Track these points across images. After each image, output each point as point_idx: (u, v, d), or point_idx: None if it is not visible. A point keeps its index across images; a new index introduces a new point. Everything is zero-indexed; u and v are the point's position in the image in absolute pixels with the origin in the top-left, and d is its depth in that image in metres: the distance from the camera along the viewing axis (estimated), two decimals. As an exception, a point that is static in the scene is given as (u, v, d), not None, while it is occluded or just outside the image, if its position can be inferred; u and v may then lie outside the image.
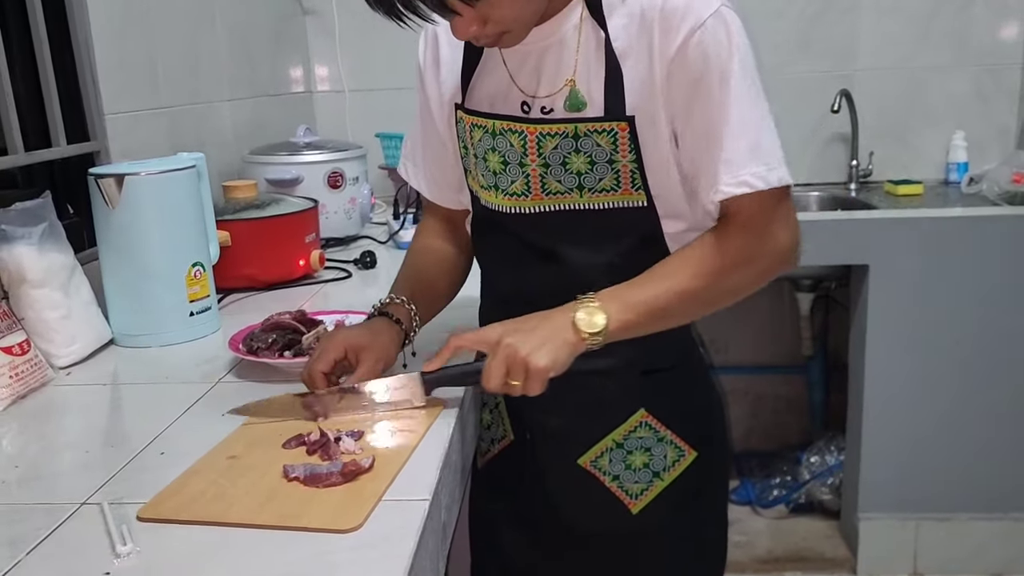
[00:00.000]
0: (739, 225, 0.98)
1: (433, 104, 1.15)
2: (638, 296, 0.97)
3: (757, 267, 1.00)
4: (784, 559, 2.47)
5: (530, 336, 0.94)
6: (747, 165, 0.94)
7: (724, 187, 0.95)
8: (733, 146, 0.94)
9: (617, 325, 0.96)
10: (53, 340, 1.22)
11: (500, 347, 0.94)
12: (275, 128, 2.28)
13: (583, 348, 0.95)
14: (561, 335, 0.94)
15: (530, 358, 0.92)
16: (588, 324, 0.94)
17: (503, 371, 0.94)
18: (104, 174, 1.28)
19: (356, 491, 0.83)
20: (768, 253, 0.99)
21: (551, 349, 0.93)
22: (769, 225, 0.98)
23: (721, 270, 0.98)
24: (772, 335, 2.88)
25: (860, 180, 2.66)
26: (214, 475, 0.87)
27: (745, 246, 0.98)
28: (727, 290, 1.01)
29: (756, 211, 0.97)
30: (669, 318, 1.01)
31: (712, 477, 1.16)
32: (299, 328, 1.20)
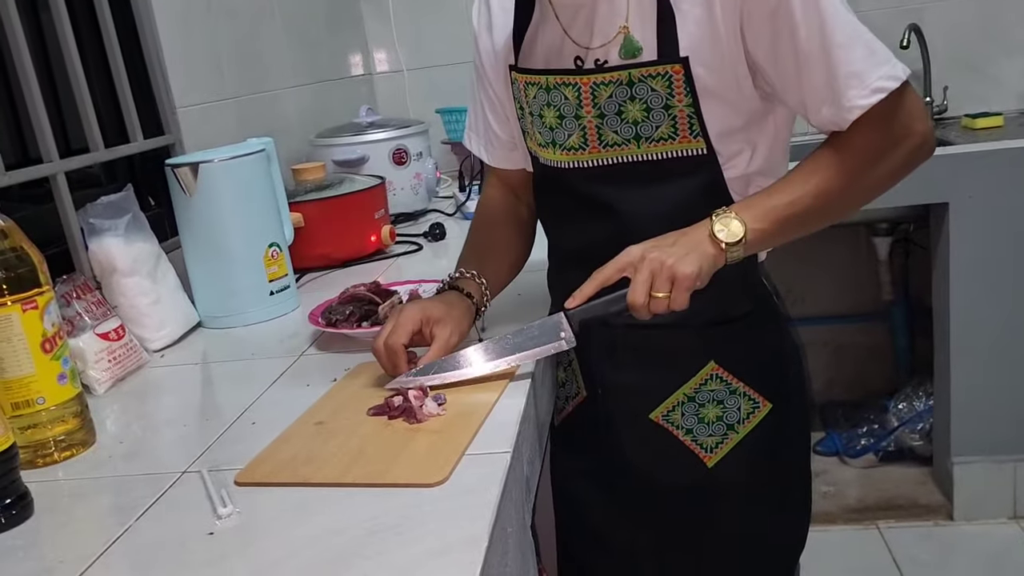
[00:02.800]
0: (873, 126, 0.95)
1: (488, 68, 1.16)
2: (775, 202, 0.96)
3: (894, 159, 0.97)
4: (876, 507, 2.43)
5: (672, 248, 0.94)
6: (871, 71, 0.92)
7: (858, 100, 0.92)
8: (849, 58, 0.91)
9: (755, 235, 0.95)
10: (145, 325, 1.28)
11: (644, 261, 0.93)
12: (338, 111, 2.32)
13: (723, 261, 0.95)
14: (701, 247, 0.94)
15: (676, 266, 0.92)
16: (727, 234, 0.94)
17: (648, 284, 0.93)
18: (180, 163, 1.33)
19: (440, 447, 0.85)
20: (904, 144, 0.96)
21: (696, 258, 0.93)
22: (902, 119, 0.95)
23: (859, 168, 0.96)
24: (850, 283, 2.81)
25: (935, 117, 2.57)
26: (303, 440, 0.91)
27: (884, 139, 0.95)
28: (865, 188, 0.99)
29: (886, 111, 0.93)
30: (807, 222, 0.99)
31: (791, 428, 1.14)
32: (375, 299, 1.24)
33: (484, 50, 1.16)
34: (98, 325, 1.16)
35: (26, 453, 0.91)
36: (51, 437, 0.93)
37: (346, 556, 0.68)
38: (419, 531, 0.71)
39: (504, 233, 1.23)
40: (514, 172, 1.23)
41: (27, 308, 0.90)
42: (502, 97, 1.17)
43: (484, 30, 1.15)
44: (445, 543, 0.68)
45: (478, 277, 1.13)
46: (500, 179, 1.26)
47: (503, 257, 1.21)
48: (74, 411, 0.95)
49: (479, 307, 1.12)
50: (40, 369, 0.91)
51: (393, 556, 0.68)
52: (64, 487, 0.88)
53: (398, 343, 1.02)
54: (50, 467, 0.92)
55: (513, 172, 1.23)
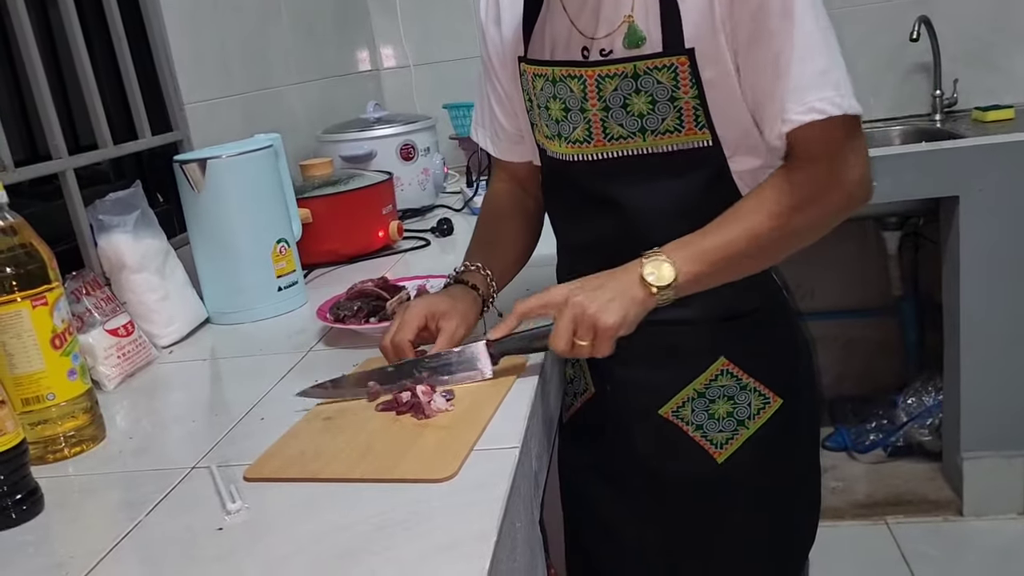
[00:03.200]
0: (808, 159, 0.95)
1: (495, 61, 1.16)
2: (706, 244, 0.95)
3: (829, 204, 0.96)
4: (884, 503, 2.42)
5: (597, 294, 0.93)
6: (816, 90, 0.91)
7: (793, 115, 0.91)
8: (800, 71, 0.91)
9: (687, 277, 0.94)
10: (154, 321, 1.28)
11: (567, 307, 0.93)
12: (345, 107, 2.32)
13: (653, 304, 0.94)
14: (630, 292, 0.93)
15: (598, 316, 0.91)
16: (656, 278, 0.93)
17: (571, 331, 0.93)
18: (188, 160, 1.33)
19: (448, 442, 0.85)
20: (840, 187, 0.95)
21: (620, 306, 0.92)
22: (840, 157, 0.94)
23: (790, 210, 0.95)
24: (860, 278, 2.80)
25: (945, 110, 2.56)
26: (312, 436, 0.91)
27: (815, 181, 0.95)
28: (798, 231, 0.98)
29: (825, 142, 0.93)
30: (740, 265, 0.98)
31: (801, 423, 1.13)
32: (382, 295, 1.24)
33: (491, 43, 1.16)
34: (107, 321, 1.17)
35: (36, 449, 0.92)
36: (61, 433, 0.93)
37: (354, 551, 0.68)
38: (427, 526, 0.71)
39: (510, 226, 1.23)
40: (521, 165, 1.23)
41: (37, 304, 0.90)
42: (509, 90, 1.17)
43: (492, 23, 1.15)
44: (453, 538, 0.69)
45: (483, 269, 1.13)
46: (507, 172, 1.26)
47: (509, 249, 1.21)
48: (84, 407, 0.95)
49: (486, 299, 1.12)
50: (50, 365, 0.91)
51: (401, 551, 0.68)
52: (74, 483, 0.89)
53: (404, 340, 1.02)
54: (60, 463, 0.93)
55: (520, 165, 1.23)
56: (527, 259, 1.24)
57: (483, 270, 1.13)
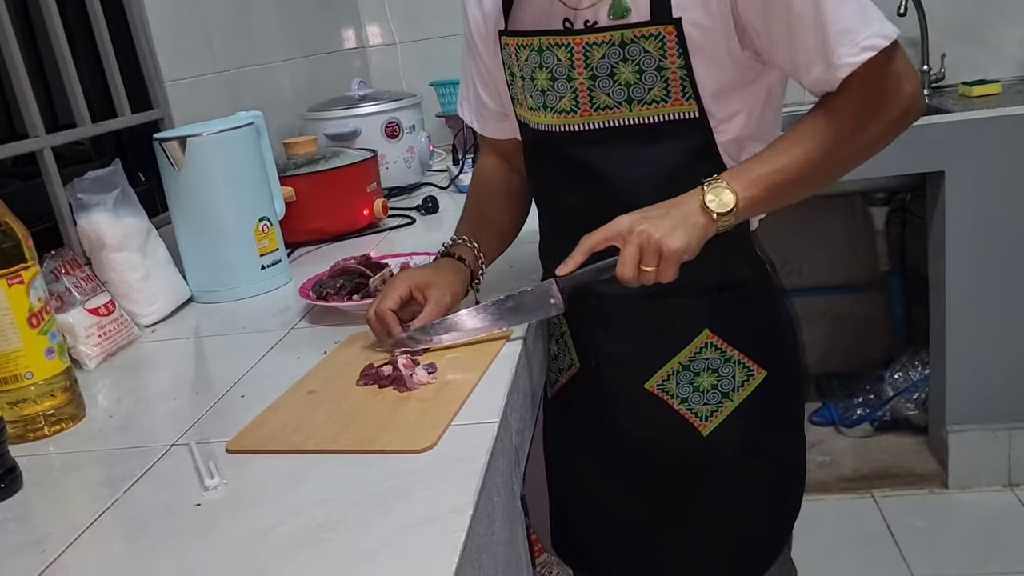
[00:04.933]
0: (862, 88, 0.94)
1: (477, 39, 1.16)
2: (764, 169, 0.96)
3: (884, 122, 0.96)
4: (872, 476, 2.44)
5: (662, 221, 0.94)
6: (862, 29, 0.91)
7: (847, 58, 0.91)
8: (840, 14, 0.90)
9: (746, 203, 0.95)
10: (136, 300, 1.27)
11: (632, 234, 0.94)
12: (331, 85, 2.30)
13: (714, 230, 0.95)
14: (692, 218, 0.94)
15: (664, 240, 0.92)
16: (718, 204, 0.94)
17: (637, 258, 0.94)
18: (168, 137, 1.32)
19: (428, 415, 0.85)
20: (894, 107, 0.96)
21: (684, 231, 0.93)
22: (893, 80, 0.94)
23: (848, 132, 0.96)
24: (847, 253, 2.80)
25: (932, 85, 2.55)
26: (294, 409, 0.91)
27: (868, 104, 0.95)
28: (856, 151, 0.98)
29: (877, 70, 0.93)
30: (798, 188, 0.99)
31: (785, 396, 1.14)
32: (365, 272, 1.23)
33: (473, 21, 1.16)
34: (87, 300, 1.16)
35: (16, 428, 0.91)
36: (40, 412, 0.93)
37: (331, 525, 0.68)
38: (405, 500, 0.71)
39: (498, 201, 1.23)
40: (506, 141, 1.23)
41: (12, 283, 0.90)
42: (491, 68, 1.17)
43: (473, 1, 1.14)
44: (430, 512, 0.69)
45: (470, 241, 1.14)
46: (493, 149, 1.27)
47: (496, 224, 1.22)
48: (63, 385, 0.95)
49: (474, 271, 1.12)
50: (27, 344, 0.91)
51: (379, 525, 0.68)
52: (54, 461, 0.89)
53: (385, 308, 1.03)
54: (40, 441, 0.92)
55: (506, 141, 1.23)
56: (516, 233, 1.25)
57: (470, 243, 1.14)
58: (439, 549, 0.64)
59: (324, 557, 0.65)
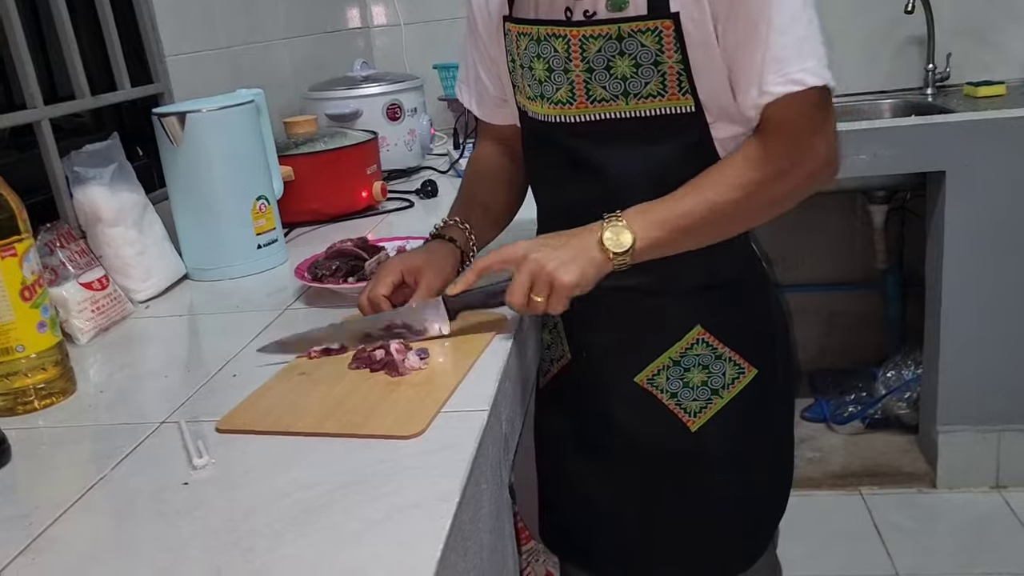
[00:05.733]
0: (778, 132, 0.94)
1: (480, 23, 1.15)
2: (667, 212, 0.96)
3: (795, 178, 0.97)
4: (860, 473, 2.45)
5: (557, 252, 0.94)
6: (796, 61, 0.91)
7: (771, 87, 0.91)
8: (780, 41, 0.90)
9: (644, 243, 0.95)
10: (130, 276, 1.27)
11: (526, 262, 0.94)
12: (334, 64, 2.29)
13: (610, 268, 0.95)
14: (588, 253, 0.94)
15: (556, 272, 0.92)
16: (615, 243, 0.94)
17: (528, 286, 0.94)
18: (167, 113, 1.31)
19: (419, 401, 0.85)
20: (807, 162, 0.96)
21: (579, 265, 0.93)
22: (810, 131, 0.94)
23: (756, 183, 0.95)
24: (845, 250, 2.80)
25: (937, 84, 2.54)
26: (285, 390, 0.91)
27: (783, 154, 0.95)
28: (760, 205, 0.98)
29: (798, 114, 0.93)
30: (700, 234, 0.99)
31: (775, 395, 1.14)
32: (361, 254, 1.23)
33: (476, 5, 1.15)
34: (81, 275, 1.16)
35: (5, 400, 0.91)
36: (31, 385, 0.93)
37: (317, 508, 0.68)
38: (392, 485, 0.71)
39: (493, 186, 1.23)
40: (506, 127, 1.22)
41: (5, 255, 0.89)
42: (493, 52, 1.16)
43: None
44: (416, 498, 0.69)
45: (462, 223, 1.14)
46: (492, 134, 1.26)
47: (490, 208, 1.21)
48: (54, 359, 0.95)
49: (465, 253, 1.12)
50: (19, 317, 0.91)
51: (364, 510, 0.68)
52: (43, 435, 0.88)
53: (378, 294, 1.03)
54: (30, 415, 0.92)
55: (505, 127, 1.22)
56: (510, 219, 1.24)
57: (462, 224, 1.14)
58: (424, 536, 0.64)
59: (308, 540, 0.65)
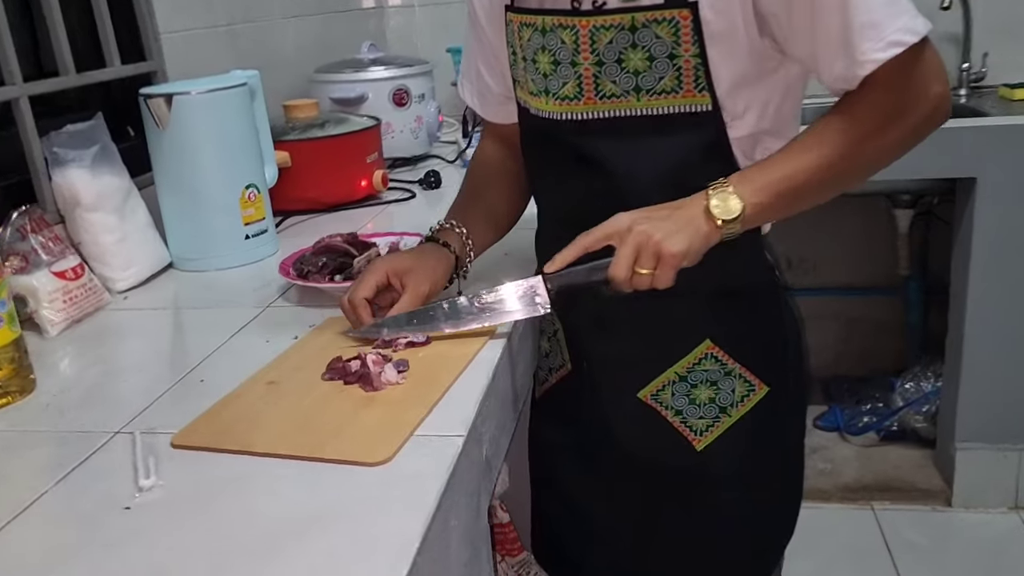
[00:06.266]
0: (884, 86, 0.86)
1: (481, 13, 1.09)
2: (774, 174, 0.89)
3: (905, 126, 0.89)
4: (873, 487, 2.37)
5: (664, 223, 0.88)
6: (889, 22, 0.83)
7: (872, 54, 0.83)
8: (867, 5, 0.82)
9: (754, 209, 0.88)
10: (110, 264, 1.21)
11: (631, 233, 0.87)
12: (344, 45, 2.21)
13: (718, 237, 0.89)
14: (695, 223, 0.88)
15: (663, 243, 0.86)
16: (723, 210, 0.87)
17: (632, 259, 0.87)
18: (153, 94, 1.25)
19: (390, 422, 0.79)
20: (919, 107, 0.88)
21: (686, 235, 0.87)
22: (917, 78, 0.86)
23: (863, 138, 0.88)
24: (866, 254, 2.70)
25: (971, 85, 2.43)
26: (251, 401, 0.85)
27: (889, 107, 0.87)
28: (871, 160, 0.91)
29: (903, 68, 0.85)
30: (810, 195, 0.92)
31: (786, 414, 1.07)
32: (350, 251, 1.17)
33: None
34: (55, 263, 1.10)
35: (-45, 400, 0.86)
36: (-17, 383, 0.87)
37: (258, 546, 0.62)
38: (349, 520, 0.65)
39: (495, 188, 1.16)
40: (509, 126, 1.15)
41: (-44, 246, 0.83)
42: (495, 45, 1.10)
43: None
44: (374, 536, 0.62)
45: (459, 226, 1.07)
46: (495, 133, 1.19)
47: (491, 212, 1.15)
48: (9, 356, 0.89)
49: (461, 259, 1.06)
50: (-28, 311, 0.85)
51: (314, 547, 0.61)
52: (-8, 438, 0.83)
53: (359, 297, 0.97)
54: (-19, 415, 0.87)
55: (508, 126, 1.15)
56: (511, 224, 1.18)
57: (458, 228, 1.07)
58: (377, 583, 0.57)
59: (246, 584, 0.58)
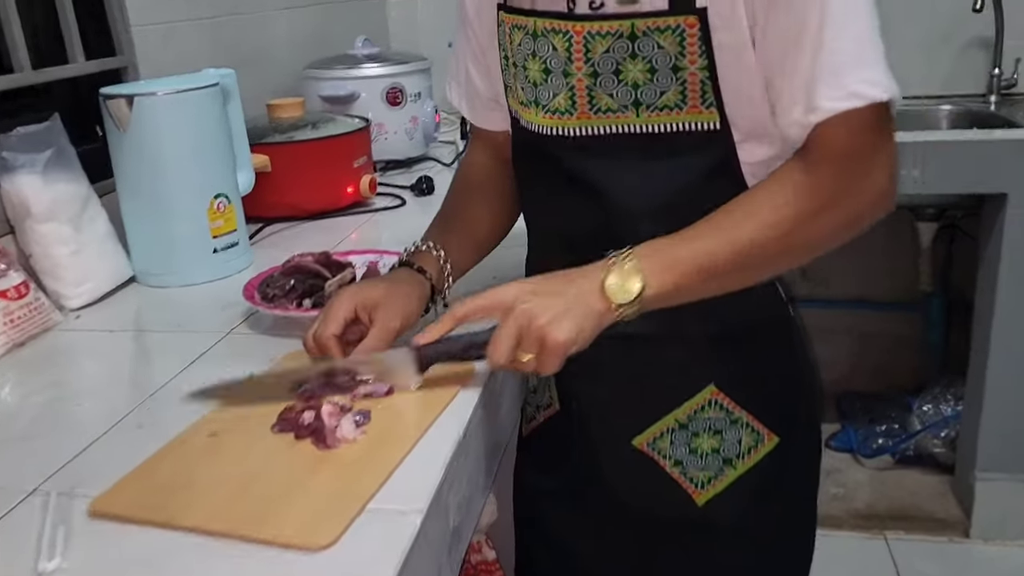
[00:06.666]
0: (829, 156, 0.76)
1: (471, 10, 0.99)
2: (686, 251, 0.78)
3: (845, 213, 0.79)
4: (886, 516, 2.25)
5: (552, 300, 0.77)
6: (855, 68, 0.73)
7: (826, 101, 0.74)
8: (836, 43, 0.73)
9: (656, 291, 0.77)
10: (62, 279, 1.12)
11: (512, 313, 0.77)
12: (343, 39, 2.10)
13: (612, 319, 0.78)
14: (587, 302, 0.77)
15: (547, 328, 0.75)
16: (619, 291, 0.77)
17: (514, 341, 0.77)
18: (113, 94, 1.15)
19: (341, 491, 0.69)
20: (863, 193, 0.78)
21: (574, 319, 0.76)
22: (868, 154, 0.76)
23: (798, 218, 0.78)
24: (885, 267, 2.58)
25: (1002, 92, 2.30)
26: (189, 456, 0.75)
27: (834, 184, 0.77)
28: (803, 245, 0.81)
29: (853, 136, 0.75)
30: (726, 280, 0.81)
31: (797, 466, 0.97)
32: (322, 272, 1.06)
33: None
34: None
35: None
36: None
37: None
38: (275, 629, 0.55)
39: (480, 202, 1.06)
40: (499, 134, 1.04)
41: None
42: (485, 46, 0.99)
43: None
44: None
45: (436, 249, 0.97)
46: (484, 141, 1.09)
47: (474, 230, 1.04)
48: (-78, 397, 0.79)
49: (437, 287, 0.96)
50: None
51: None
52: None
53: (327, 336, 0.86)
54: None
55: (498, 134, 1.05)
56: (496, 242, 1.07)
57: (436, 250, 0.97)
58: None
59: None
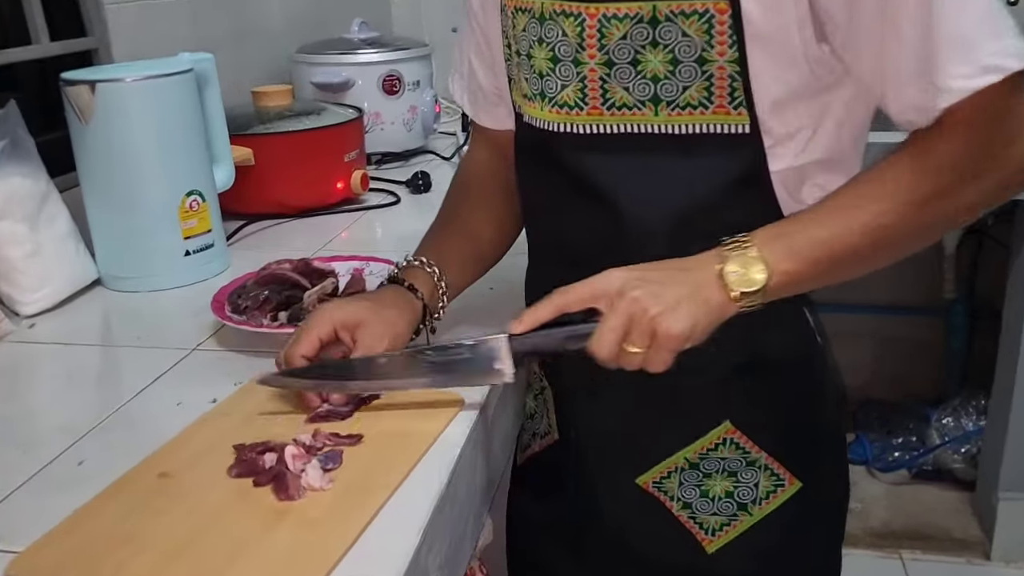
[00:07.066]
0: (961, 133, 0.66)
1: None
2: (812, 235, 0.69)
3: (977, 192, 0.68)
4: (902, 534, 2.16)
5: (664, 289, 0.68)
6: (988, 40, 0.63)
7: (960, 80, 0.63)
8: (959, 17, 0.62)
9: (781, 279, 0.69)
10: (16, 283, 1.02)
11: (622, 300, 0.68)
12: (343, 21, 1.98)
13: (733, 311, 0.70)
14: (703, 292, 0.69)
15: (660, 320, 0.67)
16: (742, 280, 0.68)
17: (622, 333, 0.68)
18: (74, 80, 1.04)
19: (301, 554, 0.59)
20: (997, 171, 0.67)
21: (690, 310, 0.67)
22: (1006, 129, 0.66)
23: (927, 198, 0.68)
24: (907, 271, 2.45)
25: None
26: (127, 507, 0.65)
27: (967, 162, 0.67)
28: (931, 225, 0.71)
29: (994, 106, 0.65)
30: (852, 266, 0.72)
31: (821, 516, 0.88)
32: (300, 282, 0.96)
33: None
34: (-66, 288, 0.90)
35: None
36: None
37: None
38: None
39: (482, 208, 0.96)
40: (504, 132, 0.94)
41: None
42: (490, 37, 0.90)
43: None
44: None
45: (430, 266, 0.87)
46: (487, 139, 0.99)
47: (472, 244, 0.95)
48: None
49: (430, 306, 0.86)
50: None
51: None
52: None
53: (296, 355, 0.78)
54: None
55: (503, 132, 0.94)
56: (500, 252, 0.97)
57: (429, 266, 0.87)
58: None
59: None
